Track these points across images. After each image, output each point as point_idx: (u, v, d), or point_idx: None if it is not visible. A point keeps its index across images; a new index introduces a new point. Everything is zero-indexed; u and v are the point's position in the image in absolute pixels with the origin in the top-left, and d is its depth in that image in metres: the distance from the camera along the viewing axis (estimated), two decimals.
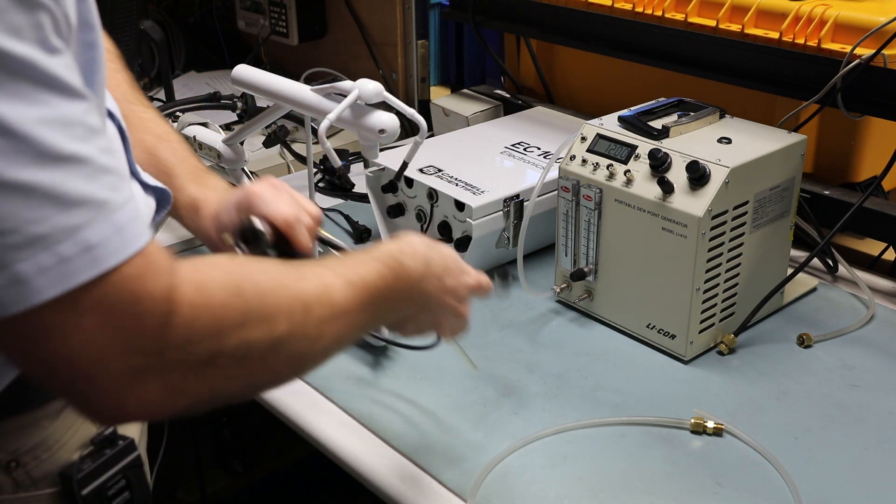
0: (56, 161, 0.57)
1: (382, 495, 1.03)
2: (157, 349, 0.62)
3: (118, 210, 0.60)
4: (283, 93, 1.26)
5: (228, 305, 0.67)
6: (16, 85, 0.55)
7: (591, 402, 1.14)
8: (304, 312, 0.72)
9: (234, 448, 2.11)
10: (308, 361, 0.77)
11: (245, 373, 0.70)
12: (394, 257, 0.85)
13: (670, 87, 1.49)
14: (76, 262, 0.58)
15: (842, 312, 1.34)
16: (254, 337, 0.68)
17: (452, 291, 0.93)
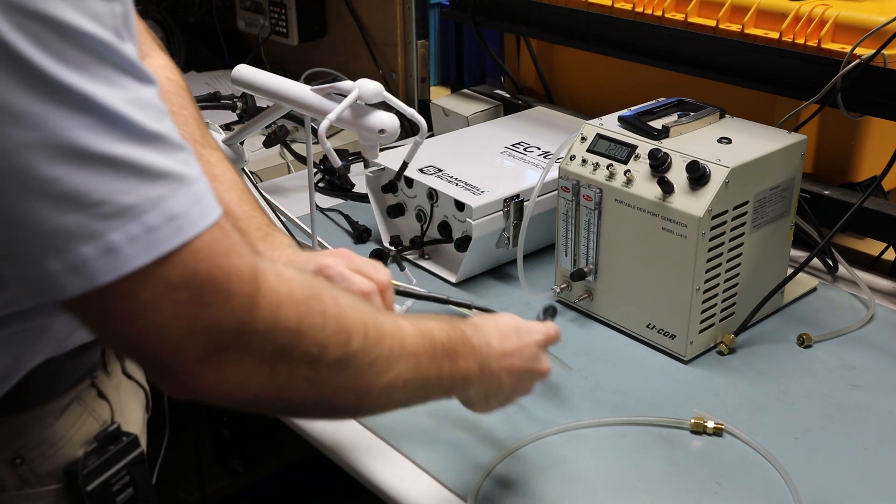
0: (140, 138, 0.60)
1: (382, 495, 1.03)
2: (240, 330, 0.64)
3: (194, 183, 0.62)
4: (283, 93, 1.26)
5: (309, 305, 0.69)
6: (101, 68, 0.58)
7: (591, 402, 1.14)
8: (376, 339, 0.74)
9: (234, 448, 2.11)
10: (371, 393, 0.76)
11: (312, 379, 0.70)
12: (463, 327, 0.88)
13: (670, 87, 1.49)
14: (162, 231, 0.60)
15: (842, 312, 1.34)
16: (329, 342, 0.70)
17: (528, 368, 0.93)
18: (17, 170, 0.57)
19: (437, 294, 1.12)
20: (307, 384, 0.70)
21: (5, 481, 0.83)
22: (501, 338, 0.91)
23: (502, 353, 0.90)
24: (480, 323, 0.91)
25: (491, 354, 0.89)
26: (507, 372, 0.90)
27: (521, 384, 0.93)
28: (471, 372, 0.86)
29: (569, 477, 1.03)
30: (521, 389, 0.94)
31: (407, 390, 0.79)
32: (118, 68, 0.59)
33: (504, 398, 0.93)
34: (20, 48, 0.55)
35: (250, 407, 0.69)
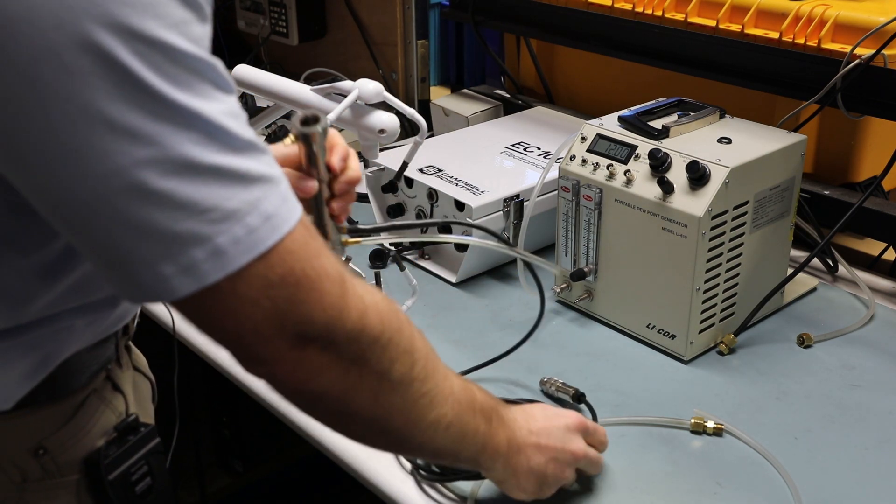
0: (238, 146, 0.65)
1: (382, 495, 1.03)
2: (328, 327, 0.70)
3: (280, 182, 0.68)
4: (283, 93, 1.26)
5: (391, 318, 0.75)
6: (203, 85, 0.64)
7: (592, 402, 1.14)
8: (433, 371, 0.81)
9: (234, 448, 2.11)
10: (419, 425, 0.81)
11: (375, 390, 0.76)
12: (496, 401, 0.92)
13: (670, 87, 1.49)
14: (261, 231, 0.66)
15: (842, 312, 1.34)
16: (400, 359, 0.76)
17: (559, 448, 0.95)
18: (135, 184, 0.62)
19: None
20: (370, 394, 0.75)
21: (28, 471, 0.85)
22: (528, 418, 0.95)
23: (528, 431, 0.93)
24: (510, 406, 0.95)
25: (518, 429, 0.92)
26: (534, 449, 0.93)
27: (552, 466, 0.94)
28: (499, 442, 0.90)
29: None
30: (554, 473, 0.95)
31: (448, 434, 0.83)
32: (213, 83, 0.65)
33: (536, 480, 0.94)
34: (138, 72, 0.60)
35: (316, 402, 0.74)
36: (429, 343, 0.82)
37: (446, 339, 1.28)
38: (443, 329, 1.31)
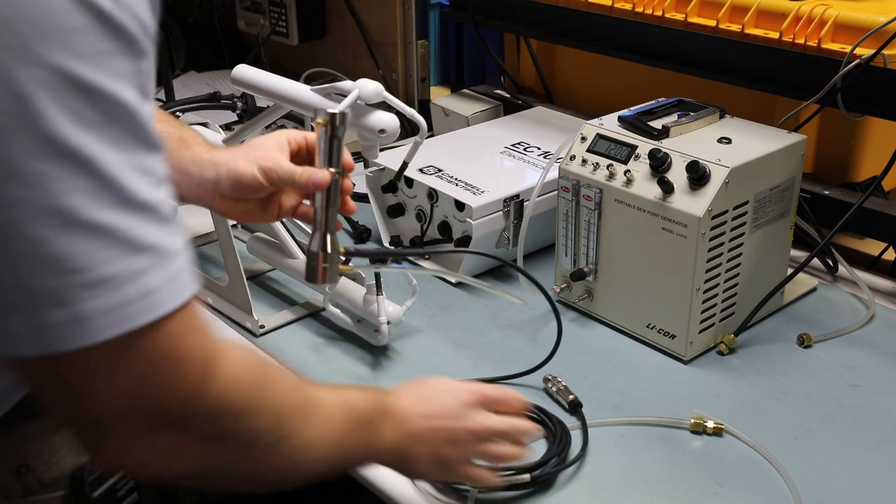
0: (133, 207, 0.59)
1: (382, 495, 1.03)
2: (183, 412, 0.64)
3: (175, 258, 0.62)
4: (283, 93, 1.26)
5: (252, 393, 0.69)
6: (112, 129, 0.58)
7: (591, 402, 1.14)
8: (304, 420, 0.75)
9: None
10: (296, 471, 0.78)
11: (242, 461, 0.71)
12: (381, 395, 0.87)
13: (670, 87, 1.49)
14: (136, 306, 0.59)
15: (842, 312, 1.34)
16: (263, 427, 0.71)
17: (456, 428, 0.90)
18: (4, 225, 0.55)
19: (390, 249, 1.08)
20: (235, 465, 0.71)
21: (9, 490, 0.83)
22: (421, 401, 0.89)
23: (421, 415, 0.88)
24: (400, 390, 0.90)
25: (409, 418, 0.87)
26: (429, 432, 0.88)
27: (451, 449, 0.90)
28: (390, 440, 0.86)
29: (569, 476, 1.03)
30: (456, 455, 0.90)
31: (330, 464, 0.80)
32: (128, 131, 0.59)
33: (435, 464, 0.90)
34: (33, 101, 0.54)
35: (175, 482, 0.70)
36: (297, 380, 0.77)
37: (446, 339, 1.29)
38: (443, 329, 1.31)
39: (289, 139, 1.02)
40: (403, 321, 1.26)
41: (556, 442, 1.05)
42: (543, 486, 1.01)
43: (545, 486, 1.01)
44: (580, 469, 1.04)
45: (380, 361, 1.24)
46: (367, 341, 1.26)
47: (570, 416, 1.12)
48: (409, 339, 1.28)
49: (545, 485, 1.01)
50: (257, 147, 1.01)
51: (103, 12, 0.56)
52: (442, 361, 1.23)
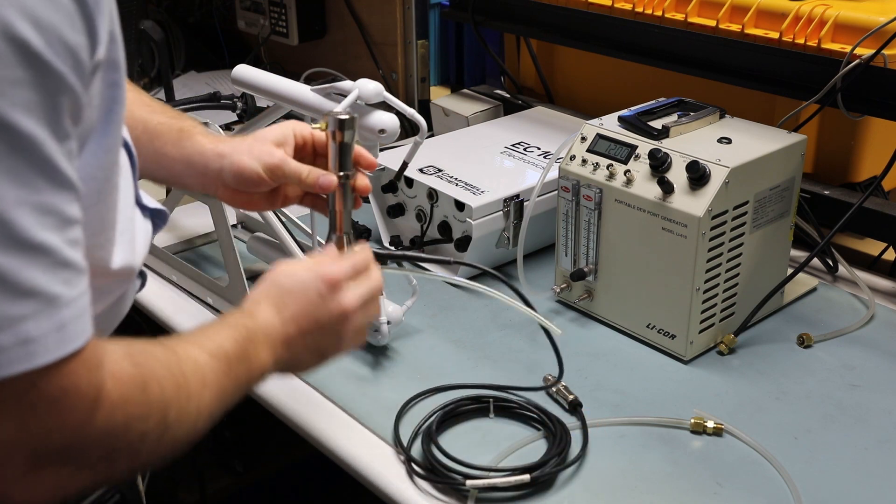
0: (21, 247, 0.56)
1: (382, 495, 1.03)
2: (66, 445, 0.62)
3: (65, 307, 0.59)
4: (283, 93, 1.26)
5: (137, 401, 0.67)
6: (12, 162, 0.55)
7: (591, 402, 1.14)
8: (186, 397, 0.73)
9: (234, 448, 2.11)
10: (187, 440, 0.76)
11: (131, 462, 0.69)
12: (243, 322, 0.84)
13: (670, 87, 1.49)
14: (10, 354, 0.56)
15: (842, 312, 1.34)
16: (150, 429, 0.68)
17: (324, 319, 0.88)
18: None
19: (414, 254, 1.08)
20: (127, 469, 0.70)
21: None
22: (279, 309, 0.86)
23: (283, 322, 0.85)
24: (256, 305, 0.86)
25: (274, 332, 0.85)
26: (298, 336, 0.86)
27: (325, 338, 0.88)
28: (265, 362, 0.84)
29: (569, 477, 1.03)
30: (332, 342, 0.89)
31: (214, 417, 0.78)
32: (32, 165, 0.55)
33: (316, 357, 0.89)
34: None
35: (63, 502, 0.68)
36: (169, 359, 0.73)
37: (446, 339, 1.29)
38: (443, 329, 1.31)
39: (295, 132, 1.01)
40: (403, 321, 1.26)
41: (556, 442, 1.05)
42: (543, 486, 1.01)
43: (545, 487, 1.01)
44: (580, 469, 1.04)
45: (380, 361, 1.24)
46: (367, 341, 1.26)
47: (570, 416, 1.12)
48: (409, 339, 1.28)
49: (545, 485, 1.01)
50: (262, 141, 1.00)
51: (20, 39, 0.54)
52: (442, 361, 1.23)
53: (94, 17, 0.59)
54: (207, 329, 0.81)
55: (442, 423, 1.09)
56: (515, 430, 1.10)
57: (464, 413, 1.12)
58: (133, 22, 1.89)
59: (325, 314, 0.88)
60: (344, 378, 1.20)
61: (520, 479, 0.99)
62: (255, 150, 0.99)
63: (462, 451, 1.04)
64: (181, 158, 0.99)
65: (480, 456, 1.05)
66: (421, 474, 1.02)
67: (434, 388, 1.16)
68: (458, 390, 1.15)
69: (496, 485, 0.99)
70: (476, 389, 1.15)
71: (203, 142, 1.00)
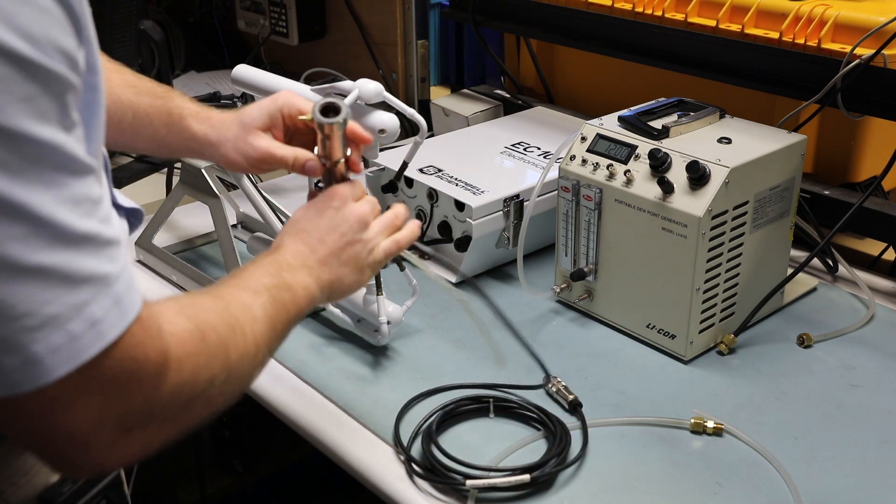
0: (69, 242, 0.60)
1: (382, 495, 1.03)
2: (148, 407, 0.66)
3: (116, 282, 0.63)
4: None
5: (199, 353, 0.71)
6: (39, 170, 0.58)
7: (591, 402, 1.14)
8: (242, 336, 0.77)
9: (234, 448, 2.11)
10: (253, 375, 0.82)
11: (207, 405, 0.74)
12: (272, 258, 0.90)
13: (670, 87, 1.49)
14: (84, 339, 0.60)
15: (842, 312, 1.34)
16: (215, 373, 0.73)
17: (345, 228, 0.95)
18: None
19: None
20: (203, 413, 0.74)
21: None
22: (301, 237, 0.93)
23: (311, 248, 0.92)
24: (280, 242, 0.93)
25: (306, 257, 0.92)
26: (329, 256, 0.93)
27: (353, 248, 0.95)
28: (307, 285, 0.90)
29: (569, 477, 1.03)
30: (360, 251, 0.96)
31: (273, 348, 0.84)
32: (56, 166, 0.59)
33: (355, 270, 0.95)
34: None
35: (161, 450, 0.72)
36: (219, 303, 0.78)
37: (446, 339, 1.29)
38: (443, 329, 1.31)
39: (283, 112, 1.03)
40: (403, 321, 1.26)
41: (556, 442, 1.05)
42: (543, 486, 1.01)
43: (545, 486, 1.01)
44: (580, 469, 1.04)
45: (380, 361, 1.24)
46: (367, 341, 1.26)
47: (570, 416, 1.12)
48: (409, 339, 1.28)
49: (545, 485, 1.01)
50: (248, 129, 1.03)
51: (23, 58, 0.56)
52: (442, 361, 1.23)
53: (80, 17, 0.61)
54: (243, 272, 0.87)
55: (442, 423, 1.09)
56: (515, 430, 1.10)
57: (464, 413, 1.12)
58: (133, 22, 1.89)
59: (345, 224, 0.95)
60: (344, 378, 1.20)
61: (520, 479, 0.99)
62: (240, 144, 1.03)
63: (462, 451, 1.04)
64: (177, 142, 1.04)
65: (480, 456, 1.05)
66: (421, 474, 1.02)
67: (434, 388, 1.16)
68: (458, 390, 1.15)
69: (496, 485, 0.99)
70: (475, 389, 1.15)
71: (194, 128, 1.04)
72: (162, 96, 1.06)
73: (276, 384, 1.20)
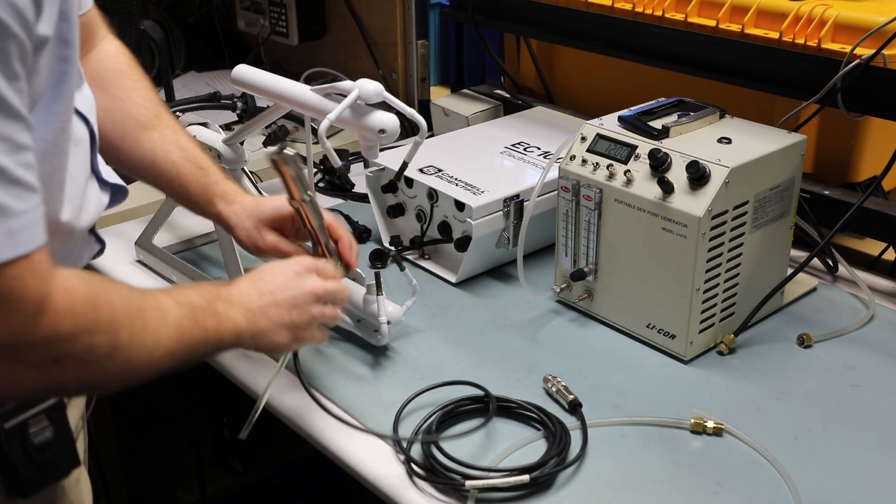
0: None
1: (382, 495, 1.03)
2: (15, 343, 0.73)
3: (15, 217, 0.70)
4: (283, 93, 1.26)
5: (86, 316, 0.77)
6: None
7: (591, 402, 1.14)
8: (142, 329, 0.83)
9: (234, 448, 2.11)
10: (140, 372, 0.85)
11: (82, 374, 0.80)
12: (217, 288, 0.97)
13: (670, 87, 1.49)
14: None
15: (842, 312, 1.34)
16: (98, 344, 0.79)
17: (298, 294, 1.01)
18: None
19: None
20: (78, 380, 0.80)
21: None
22: (256, 283, 1.00)
23: (259, 294, 0.99)
24: (236, 280, 1.01)
25: (249, 300, 0.98)
26: (271, 307, 0.99)
27: (295, 313, 1.01)
28: (237, 321, 0.95)
29: (569, 477, 1.03)
30: (301, 318, 1.01)
31: (176, 357, 0.88)
32: None
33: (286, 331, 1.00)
34: None
35: (28, 398, 0.80)
36: (140, 299, 0.84)
37: (446, 339, 1.29)
38: (442, 329, 1.31)
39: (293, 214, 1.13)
40: (403, 321, 1.26)
41: (555, 442, 1.05)
42: (543, 486, 1.01)
43: (544, 487, 1.01)
44: (580, 469, 1.04)
45: (380, 361, 1.24)
46: (367, 341, 1.26)
47: (569, 416, 1.12)
48: (409, 339, 1.28)
49: (545, 485, 1.01)
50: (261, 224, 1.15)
51: None
52: (442, 361, 1.23)
53: None
54: (181, 287, 0.95)
55: (442, 423, 1.09)
56: (515, 430, 1.10)
57: (464, 413, 1.12)
58: (133, 22, 1.89)
59: (300, 290, 1.01)
60: (344, 378, 1.20)
61: (519, 480, 0.99)
62: (253, 234, 1.15)
63: (462, 452, 1.04)
64: (203, 211, 1.17)
65: (480, 456, 1.05)
66: (421, 475, 1.02)
67: (432, 385, 1.16)
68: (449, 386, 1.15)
69: (496, 485, 0.99)
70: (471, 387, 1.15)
71: (220, 208, 1.16)
72: (204, 168, 1.16)
73: (276, 384, 1.20)
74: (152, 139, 1.13)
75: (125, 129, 1.13)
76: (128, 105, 1.13)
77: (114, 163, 1.13)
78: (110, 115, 1.12)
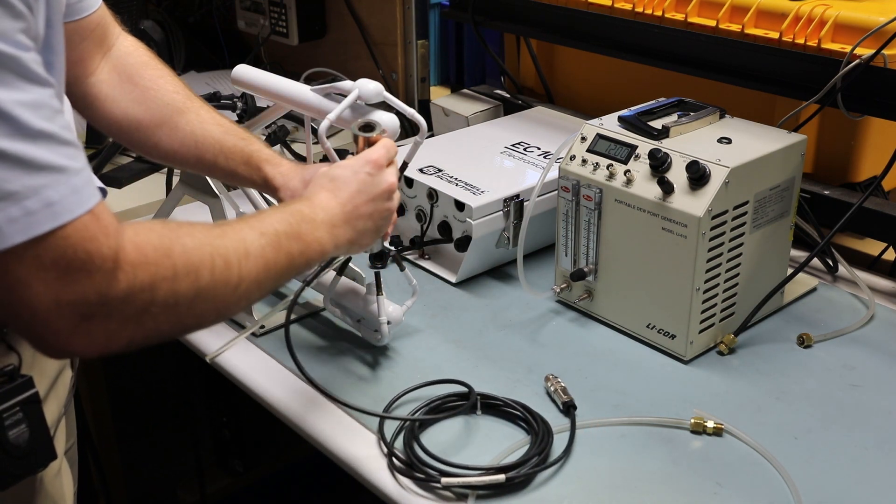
0: (27, 135, 0.69)
1: (382, 495, 1.03)
2: (102, 301, 0.74)
3: (75, 175, 0.72)
4: (283, 93, 1.26)
5: (161, 264, 0.78)
6: (2, 74, 0.69)
7: (591, 402, 1.14)
8: (223, 266, 0.84)
9: (234, 448, 2.11)
10: (230, 306, 0.88)
11: (174, 318, 0.81)
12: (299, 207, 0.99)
13: (670, 87, 1.49)
14: (39, 215, 0.69)
15: (842, 312, 1.34)
16: (180, 289, 0.80)
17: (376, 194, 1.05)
18: None
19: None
20: (171, 324, 0.81)
21: None
22: (334, 191, 1.02)
23: (341, 204, 1.01)
24: (314, 193, 1.03)
25: (332, 213, 1.00)
26: (355, 218, 1.02)
27: (377, 212, 1.05)
28: (322, 241, 0.98)
29: (569, 476, 1.03)
30: (379, 213, 1.06)
31: (264, 286, 0.90)
32: (18, 74, 0.69)
33: (372, 230, 1.05)
34: None
35: (126, 351, 0.80)
36: (215, 238, 0.85)
37: (446, 339, 1.29)
38: (442, 329, 1.31)
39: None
40: (403, 321, 1.26)
41: (537, 442, 1.05)
42: (520, 485, 1.01)
43: (521, 486, 1.01)
44: (580, 469, 1.04)
45: (380, 361, 1.24)
46: (367, 341, 1.26)
47: (564, 416, 1.12)
48: (409, 339, 1.28)
49: (521, 485, 1.01)
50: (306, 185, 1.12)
51: None
52: (442, 361, 1.23)
53: None
54: (263, 213, 0.95)
55: (427, 419, 1.09)
56: (502, 428, 1.10)
57: (449, 408, 1.12)
58: (133, 22, 1.89)
59: (376, 190, 1.05)
60: (344, 378, 1.20)
61: (495, 479, 0.99)
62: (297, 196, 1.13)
63: (446, 448, 1.05)
64: (252, 180, 1.16)
65: (465, 453, 1.05)
66: (401, 469, 1.03)
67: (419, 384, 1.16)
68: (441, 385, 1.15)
69: (471, 483, 0.99)
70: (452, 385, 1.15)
71: (267, 171, 1.15)
72: (245, 138, 1.17)
73: (276, 384, 1.20)
74: (190, 121, 1.15)
75: (162, 116, 1.15)
76: (160, 93, 1.15)
77: (151, 151, 1.17)
78: (144, 105, 1.15)
